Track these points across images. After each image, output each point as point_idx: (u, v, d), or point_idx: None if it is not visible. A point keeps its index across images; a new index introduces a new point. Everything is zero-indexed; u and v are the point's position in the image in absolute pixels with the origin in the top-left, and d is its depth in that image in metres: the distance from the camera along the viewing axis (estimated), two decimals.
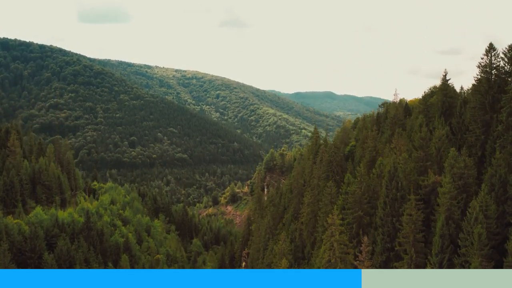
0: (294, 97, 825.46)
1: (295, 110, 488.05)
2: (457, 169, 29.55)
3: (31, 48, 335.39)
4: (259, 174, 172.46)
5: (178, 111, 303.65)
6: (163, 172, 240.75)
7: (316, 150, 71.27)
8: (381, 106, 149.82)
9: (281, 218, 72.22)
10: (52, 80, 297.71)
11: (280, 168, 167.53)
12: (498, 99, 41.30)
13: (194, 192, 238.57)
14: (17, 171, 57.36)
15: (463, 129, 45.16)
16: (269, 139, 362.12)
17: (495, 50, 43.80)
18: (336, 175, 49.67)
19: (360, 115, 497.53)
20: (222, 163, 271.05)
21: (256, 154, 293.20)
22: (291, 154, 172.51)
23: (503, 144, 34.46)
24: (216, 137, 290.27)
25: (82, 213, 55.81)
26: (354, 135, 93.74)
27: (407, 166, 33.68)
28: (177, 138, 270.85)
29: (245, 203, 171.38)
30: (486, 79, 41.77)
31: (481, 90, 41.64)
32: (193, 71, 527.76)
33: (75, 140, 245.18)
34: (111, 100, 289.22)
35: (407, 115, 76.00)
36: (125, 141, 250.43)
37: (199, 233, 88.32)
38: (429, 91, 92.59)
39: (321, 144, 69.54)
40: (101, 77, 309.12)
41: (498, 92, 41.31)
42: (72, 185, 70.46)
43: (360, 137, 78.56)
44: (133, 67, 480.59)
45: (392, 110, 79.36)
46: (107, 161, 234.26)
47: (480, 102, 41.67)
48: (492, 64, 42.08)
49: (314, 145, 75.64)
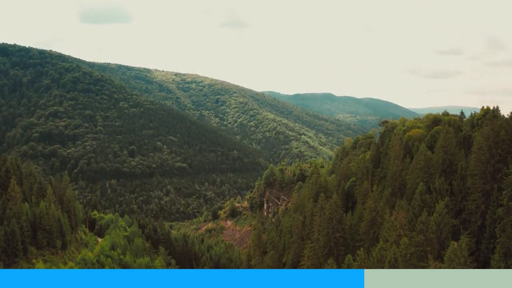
0: (293, 98, 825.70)
1: (294, 114, 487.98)
2: (457, 263, 29.69)
3: (30, 54, 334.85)
4: (259, 189, 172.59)
5: (178, 119, 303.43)
6: (163, 182, 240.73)
7: (316, 190, 71.23)
8: (381, 125, 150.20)
9: (280, 257, 72.20)
10: (52, 87, 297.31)
11: (279, 184, 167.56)
12: (499, 169, 41.47)
13: (193, 202, 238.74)
14: (18, 219, 57.37)
15: (463, 191, 45.33)
16: (269, 146, 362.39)
17: (497, 117, 43.92)
18: (335, 248, 49.28)
19: (360, 117, 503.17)
20: (221, 172, 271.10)
21: (255, 162, 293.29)
22: (290, 169, 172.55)
23: (503, 227, 34.60)
24: (216, 145, 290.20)
25: (83, 265, 55.84)
26: (355, 165, 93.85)
27: (407, 252, 33.85)
28: (176, 147, 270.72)
29: (244, 218, 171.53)
30: (488, 148, 41.87)
31: (482, 159, 41.76)
32: (192, 75, 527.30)
33: (75, 150, 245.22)
34: (111, 108, 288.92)
35: (407, 154, 76.33)
36: (124, 150, 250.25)
37: (199, 262, 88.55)
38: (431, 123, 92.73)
39: (321, 186, 69.43)
40: (101, 84, 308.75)
41: (499, 162, 41.45)
42: (72, 222, 70.38)
43: (359, 174, 78.76)
44: (133, 71, 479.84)
45: (393, 145, 79.40)
46: (107, 171, 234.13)
47: (481, 171, 41.80)
48: (494, 131, 42.15)
49: (314, 185, 75.50)
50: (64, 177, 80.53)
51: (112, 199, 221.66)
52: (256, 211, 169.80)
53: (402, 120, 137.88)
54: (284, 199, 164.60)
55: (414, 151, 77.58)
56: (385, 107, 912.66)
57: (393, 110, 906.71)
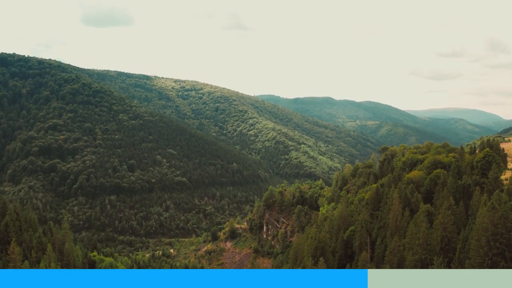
0: (293, 102, 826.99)
1: (294, 121, 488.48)
2: None
3: (29, 64, 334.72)
4: (258, 211, 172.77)
5: (177, 131, 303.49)
6: (162, 197, 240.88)
7: (315, 246, 71.20)
8: (380, 152, 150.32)
9: None
10: (51, 99, 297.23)
11: (279, 206, 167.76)
12: (497, 262, 41.69)
13: (193, 218, 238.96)
14: None
15: None
16: (268, 156, 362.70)
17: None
18: None
19: (360, 122, 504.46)
20: (221, 185, 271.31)
21: (255, 175, 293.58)
22: (290, 190, 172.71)
23: None
24: (215, 157, 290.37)
25: None
26: (354, 208, 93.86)
27: None
28: (176, 160, 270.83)
29: (244, 240, 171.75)
30: (486, 240, 42.09)
31: (481, 252, 41.98)
32: (192, 81, 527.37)
33: (74, 164, 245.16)
34: (110, 120, 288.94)
35: (406, 206, 76.44)
36: (124, 165, 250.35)
37: None
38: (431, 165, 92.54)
39: (320, 241, 69.49)
40: (100, 95, 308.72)
41: (497, 255, 41.66)
42: None
43: (358, 226, 78.78)
44: (132, 79, 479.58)
45: (392, 199, 79.45)
46: (106, 187, 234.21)
47: (479, 263, 42.03)
48: (492, 224, 42.41)
49: (313, 240, 75.43)
50: (63, 224, 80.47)
51: (111, 216, 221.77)
52: (256, 233, 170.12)
53: (402, 148, 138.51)
54: (284, 222, 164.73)
55: (413, 202, 77.86)
56: (385, 110, 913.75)
57: (392, 114, 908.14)
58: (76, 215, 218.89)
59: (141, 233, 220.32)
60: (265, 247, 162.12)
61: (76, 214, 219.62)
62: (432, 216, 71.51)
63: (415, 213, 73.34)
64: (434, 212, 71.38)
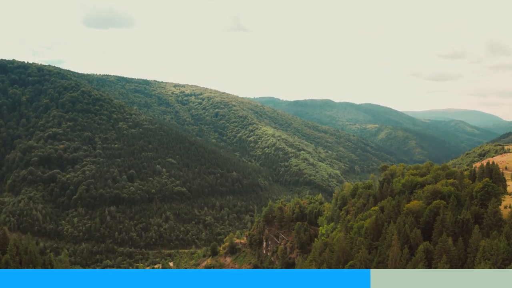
0: (293, 105, 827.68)
1: (294, 126, 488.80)
2: None
3: (29, 71, 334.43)
4: (258, 226, 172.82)
5: (177, 139, 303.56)
6: (162, 207, 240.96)
7: None
8: (380, 170, 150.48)
9: None
10: (51, 107, 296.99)
11: (279, 222, 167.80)
12: None
13: (193, 228, 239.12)
14: None
15: None
16: (268, 162, 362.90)
17: None
18: None
19: (359, 126, 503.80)
20: (220, 195, 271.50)
21: (255, 184, 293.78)
22: (289, 205, 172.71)
23: None
24: (215, 166, 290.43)
25: None
26: (354, 237, 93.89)
27: None
28: (175, 170, 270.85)
29: (243, 256, 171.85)
30: None
31: None
32: (191, 86, 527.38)
33: (74, 174, 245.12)
34: (110, 129, 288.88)
35: (405, 244, 76.55)
36: (123, 175, 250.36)
37: None
38: (430, 195, 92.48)
39: None
40: (100, 103, 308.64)
41: None
42: None
43: (358, 255, 78.91)
44: (132, 84, 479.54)
45: (392, 236, 79.55)
46: (106, 198, 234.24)
47: None
48: None
49: None
50: (63, 258, 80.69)
51: (111, 227, 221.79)
52: (256, 249, 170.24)
53: (401, 168, 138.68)
54: (283, 238, 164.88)
55: (412, 238, 77.90)
56: (385, 113, 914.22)
57: (392, 116, 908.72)
58: (75, 226, 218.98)
59: (141, 244, 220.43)
60: (264, 263, 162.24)
61: (75, 225, 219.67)
62: (431, 254, 71.80)
63: (415, 250, 73.59)
64: (433, 250, 71.63)
